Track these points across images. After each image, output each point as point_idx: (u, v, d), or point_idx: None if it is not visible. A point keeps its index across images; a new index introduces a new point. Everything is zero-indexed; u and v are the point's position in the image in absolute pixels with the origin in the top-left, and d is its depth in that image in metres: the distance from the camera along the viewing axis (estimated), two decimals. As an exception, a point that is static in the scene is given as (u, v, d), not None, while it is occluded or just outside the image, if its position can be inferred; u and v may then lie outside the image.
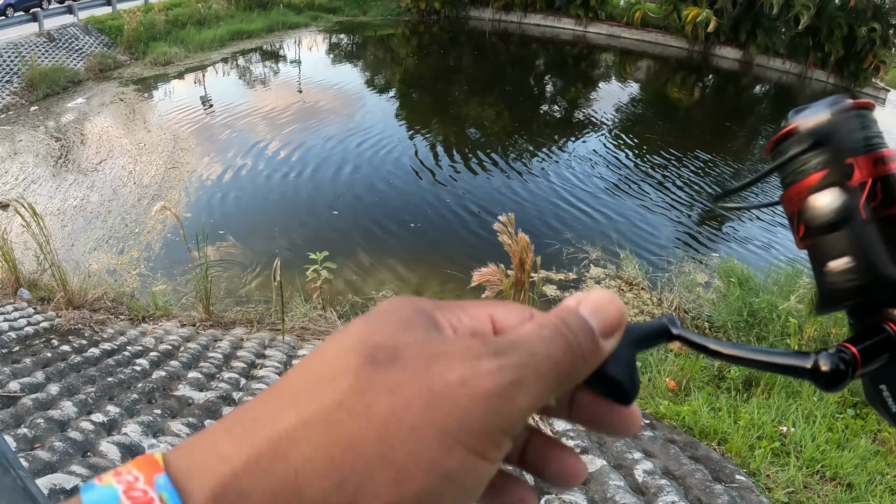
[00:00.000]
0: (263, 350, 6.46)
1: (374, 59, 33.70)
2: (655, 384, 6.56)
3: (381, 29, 41.09)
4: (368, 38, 39.01)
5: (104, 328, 7.26)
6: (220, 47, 29.59)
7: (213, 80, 25.70)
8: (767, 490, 4.37)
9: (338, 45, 36.16)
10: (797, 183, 0.63)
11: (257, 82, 25.75)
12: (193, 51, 28.20)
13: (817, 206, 0.60)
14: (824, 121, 0.61)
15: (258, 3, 35.55)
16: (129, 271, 10.61)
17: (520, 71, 34.26)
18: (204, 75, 26.17)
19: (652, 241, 13.74)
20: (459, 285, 9.79)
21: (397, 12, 44.03)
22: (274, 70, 28.22)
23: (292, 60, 30.26)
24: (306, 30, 37.00)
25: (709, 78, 41.53)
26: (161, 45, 27.17)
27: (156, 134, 17.99)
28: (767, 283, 10.26)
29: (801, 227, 0.63)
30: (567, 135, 22.52)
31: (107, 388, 4.85)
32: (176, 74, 25.40)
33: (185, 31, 29.31)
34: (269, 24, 34.07)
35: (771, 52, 44.48)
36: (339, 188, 14.88)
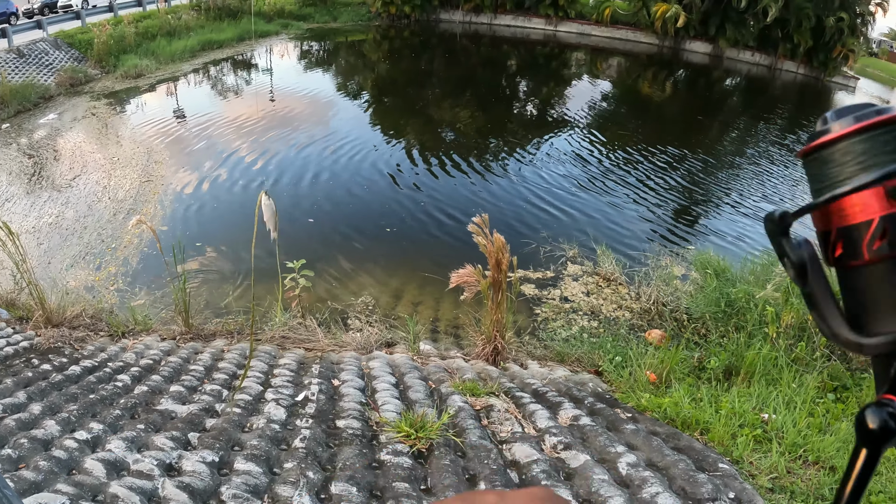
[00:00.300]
0: (245, 360, 6.50)
1: (345, 64, 33.71)
2: (636, 378, 6.58)
3: (351, 34, 41.13)
4: (339, 44, 39.03)
5: (84, 345, 7.27)
6: (190, 58, 29.53)
7: (186, 91, 25.62)
8: (751, 477, 4.41)
9: (309, 52, 36.15)
10: (844, 197, 0.57)
11: (230, 92, 25.70)
12: (164, 62, 28.13)
13: (861, 229, 0.56)
14: (869, 130, 0.56)
15: (228, 13, 35.50)
16: (107, 287, 10.59)
17: (492, 72, 34.41)
18: (176, 86, 26.09)
19: (628, 237, 13.88)
20: (438, 288, 9.88)
21: (368, 17, 44.10)
22: (246, 79, 28.17)
23: (264, 69, 30.21)
24: (277, 38, 36.98)
25: (680, 72, 41.82)
26: (132, 57, 27.07)
27: (129, 147, 17.94)
28: (744, 272, 10.34)
29: (838, 244, 0.59)
30: (541, 134, 22.68)
31: (89, 405, 4.87)
32: (147, 87, 25.31)
33: (156, 43, 29.23)
34: (239, 33, 34.02)
35: (740, 45, 44.95)
36: (314, 196, 14.91)
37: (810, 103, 38.64)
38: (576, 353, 7.88)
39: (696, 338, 8.77)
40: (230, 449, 4.07)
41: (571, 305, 10.42)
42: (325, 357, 6.55)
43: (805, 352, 6.68)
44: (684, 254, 12.80)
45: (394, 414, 4.71)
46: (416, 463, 3.95)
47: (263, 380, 5.68)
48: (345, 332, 7.94)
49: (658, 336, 8.58)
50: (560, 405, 5.37)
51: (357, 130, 20.50)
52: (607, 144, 21.78)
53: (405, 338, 7.50)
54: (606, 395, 6.21)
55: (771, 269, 9.23)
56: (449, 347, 8.06)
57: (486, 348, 6.98)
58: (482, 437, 4.38)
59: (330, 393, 5.24)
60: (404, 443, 4.14)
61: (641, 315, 10.09)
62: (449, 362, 6.74)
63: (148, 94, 24.61)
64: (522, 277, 11.05)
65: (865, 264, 0.56)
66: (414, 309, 10.07)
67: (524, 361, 7.43)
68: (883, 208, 0.53)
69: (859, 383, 6.40)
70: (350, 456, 3.93)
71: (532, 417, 5.00)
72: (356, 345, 7.15)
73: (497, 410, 5.02)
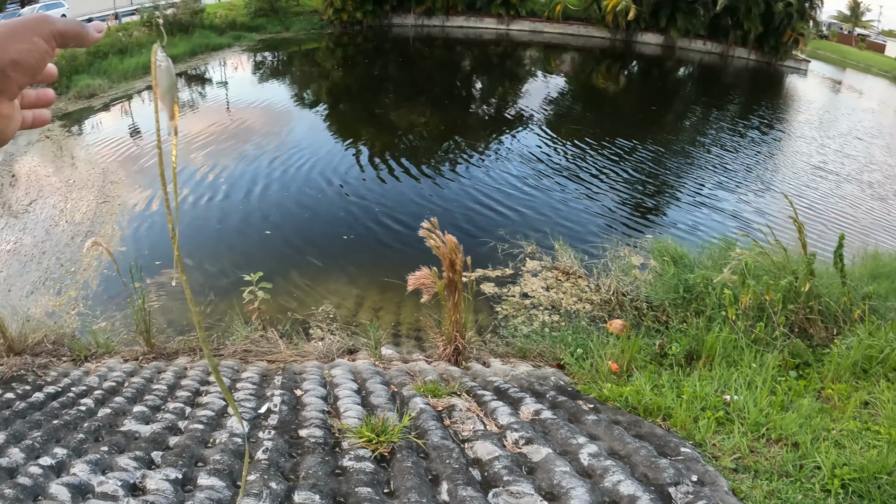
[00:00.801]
0: (207, 377, 6.50)
1: (300, 74, 33.61)
2: (598, 368, 6.65)
3: (305, 43, 41.00)
4: (293, 53, 38.90)
5: (47, 372, 7.23)
6: (144, 75, 29.20)
7: (140, 109, 25.38)
8: (714, 459, 4.44)
9: (263, 63, 35.98)
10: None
11: (185, 107, 25.48)
12: (117, 81, 27.83)
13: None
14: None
15: (179, 27, 35.22)
16: (68, 312, 10.50)
17: (446, 74, 34.50)
18: (130, 105, 25.84)
19: (585, 230, 14.02)
20: (398, 293, 9.93)
21: (320, 26, 43.97)
22: (201, 93, 28.00)
23: (218, 82, 30.05)
24: (230, 50, 36.76)
25: (633, 65, 42.22)
26: (84, 77, 26.74)
27: (85, 169, 17.77)
28: (701, 258, 10.47)
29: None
30: (495, 134, 22.83)
31: (53, 430, 4.87)
32: (101, 106, 25.05)
33: (108, 62, 28.88)
34: (191, 47, 33.76)
35: (692, 35, 45.49)
36: (270, 207, 14.88)
37: (763, 88, 39.18)
38: (537, 348, 7.96)
39: (656, 325, 8.88)
40: (193, 465, 4.09)
41: (532, 301, 10.51)
42: (288, 368, 6.58)
43: (764, 332, 6.76)
44: (642, 243, 12.95)
45: (356, 420, 4.75)
46: (378, 467, 3.99)
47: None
48: (307, 341, 7.96)
49: (619, 326, 8.67)
50: (522, 401, 5.45)
51: (312, 139, 20.50)
52: (561, 140, 21.97)
53: (367, 344, 7.54)
54: (568, 387, 6.29)
55: (728, 252, 9.31)
56: (411, 351, 8.10)
57: (447, 349, 7.05)
58: (444, 438, 4.43)
59: (292, 403, 5.27)
60: (366, 448, 4.18)
61: (602, 306, 10.21)
62: (411, 365, 6.80)
63: (102, 113, 24.36)
64: (481, 276, 11.13)
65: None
66: (375, 314, 10.11)
67: (486, 360, 7.49)
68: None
69: (821, 359, 6.44)
70: (313, 464, 3.96)
71: (494, 415, 5.06)
72: (318, 354, 7.18)
73: (459, 410, 5.08)
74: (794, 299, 7.23)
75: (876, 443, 4.53)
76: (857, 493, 3.94)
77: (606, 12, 44.69)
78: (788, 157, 23.61)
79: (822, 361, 6.42)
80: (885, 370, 5.92)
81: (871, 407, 5.29)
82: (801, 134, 27.64)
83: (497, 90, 31.49)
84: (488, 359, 7.54)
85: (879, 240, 14.69)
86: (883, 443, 4.49)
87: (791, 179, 20.28)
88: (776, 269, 8.07)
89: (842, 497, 3.90)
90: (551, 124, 24.49)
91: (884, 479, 4.01)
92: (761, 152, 23.67)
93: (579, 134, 22.85)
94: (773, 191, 18.62)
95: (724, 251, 10.01)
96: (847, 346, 6.24)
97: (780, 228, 9.73)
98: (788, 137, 26.93)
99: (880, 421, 4.90)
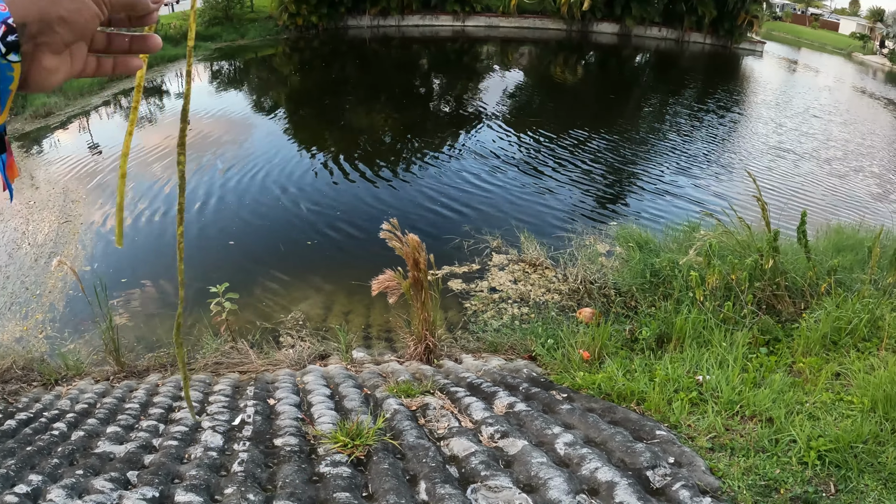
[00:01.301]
0: (180, 392, 6.47)
1: (258, 80, 33.41)
2: (570, 358, 6.68)
3: (261, 50, 40.76)
4: (250, 60, 38.65)
5: (18, 398, 7.14)
6: (100, 90, 28.84)
7: (99, 125, 25.06)
8: (690, 439, 4.49)
9: (220, 72, 35.70)
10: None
11: (144, 120, 25.28)
12: (73, 97, 27.41)
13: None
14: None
15: (132, 40, 34.85)
16: (35, 336, 10.37)
17: (404, 74, 34.48)
18: (88, 121, 25.48)
19: (549, 221, 14.10)
20: (366, 295, 9.86)
21: (276, 31, 43.72)
22: (159, 106, 27.72)
23: (176, 94, 29.79)
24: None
25: (590, 55, 42.50)
26: (39, 96, 26.33)
27: (45, 189, 17.53)
28: (667, 241, 10.57)
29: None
30: (456, 131, 22.88)
31: (27, 457, 4.82)
32: (58, 124, 24.66)
33: (63, 79, 28.51)
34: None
35: (647, 22, 45.90)
36: (231, 217, 14.78)
37: (719, 72, 39.62)
38: (508, 341, 8.00)
39: (625, 311, 8.94)
40: (170, 482, 4.07)
41: (500, 295, 10.55)
42: (260, 378, 6.56)
43: (733, 311, 6.84)
44: (607, 231, 13.05)
45: (330, 425, 4.74)
46: (355, 471, 4.00)
47: (199, 409, 5.67)
48: (277, 350, 7.94)
49: (588, 314, 8.72)
50: (495, 395, 5.47)
51: (272, 147, 20.33)
52: (520, 134, 22.06)
53: (338, 348, 7.53)
54: (541, 378, 6.33)
55: (692, 234, 9.40)
56: (383, 352, 8.11)
57: (418, 348, 7.06)
58: (419, 437, 4.44)
59: (266, 413, 5.26)
60: (342, 452, 4.18)
61: (570, 296, 10.27)
62: (383, 367, 6.81)
63: (60, 132, 23.99)
64: (448, 273, 11.14)
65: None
66: (344, 318, 10.07)
67: (458, 356, 7.52)
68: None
69: (790, 334, 6.51)
70: (289, 473, 3.96)
71: (468, 410, 5.09)
72: (289, 361, 7.17)
73: (433, 408, 5.10)
74: (760, 277, 7.32)
75: (850, 413, 4.59)
76: (834, 463, 3.99)
77: (561, 4, 44.95)
78: (747, 138, 23.89)
79: (791, 336, 6.49)
80: (854, 340, 6.02)
81: (843, 378, 5.36)
82: (758, 115, 27.99)
83: (455, 87, 31.54)
84: (460, 355, 7.57)
85: (842, 216, 14.91)
86: (856, 412, 4.56)
87: (751, 160, 20.51)
88: (741, 248, 8.17)
89: (819, 468, 3.95)
90: (510, 119, 24.59)
91: (860, 448, 4.08)
92: (720, 136, 23.95)
93: (538, 127, 22.95)
94: (735, 173, 18.85)
95: (688, 234, 10.11)
96: (815, 319, 6.33)
97: (744, 210, 9.84)
98: (747, 119, 27.26)
99: (852, 391, 4.97)
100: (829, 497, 3.67)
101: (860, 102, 34.37)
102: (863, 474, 3.87)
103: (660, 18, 45.82)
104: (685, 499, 3.59)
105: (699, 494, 3.62)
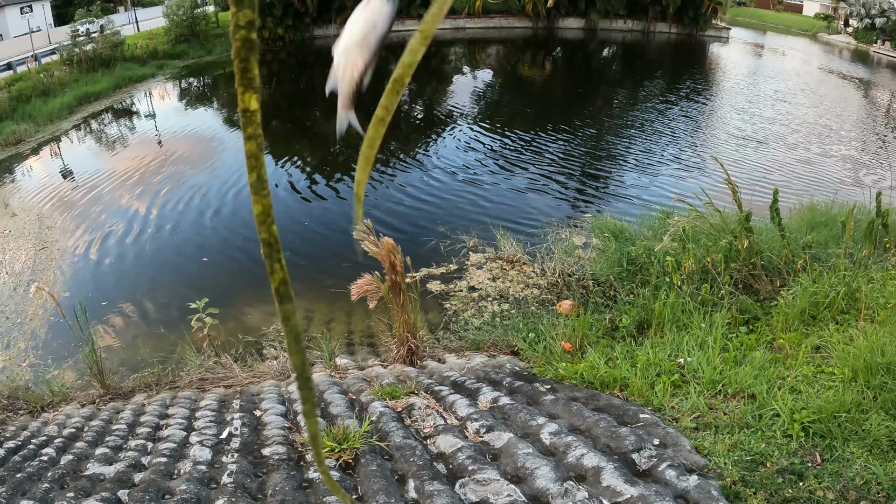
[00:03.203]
0: (166, 410, 6.47)
1: (227, 96, 33.28)
2: (551, 350, 6.75)
3: (228, 66, 40.43)
4: (218, 77, 38.49)
5: (5, 427, 7.11)
6: (69, 115, 28.63)
7: (70, 150, 24.91)
8: (674, 420, 4.54)
9: (189, 90, 35.57)
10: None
11: (115, 143, 25.10)
12: (43, 124, 27.17)
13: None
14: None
15: (101, 62, 34.59)
16: (19, 364, 10.33)
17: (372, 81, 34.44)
18: (59, 147, 25.29)
19: (524, 218, 14.19)
20: (346, 302, 9.90)
21: (242, 46, 43.55)
22: (129, 127, 27.50)
23: (146, 114, 29.59)
24: (154, 80, 36.20)
25: (557, 51, 42.67)
26: (8, 123, 26.05)
27: (20, 217, 17.43)
28: (641, 229, 10.66)
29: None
30: (428, 134, 23.01)
31: (17, 484, 4.81)
32: (30, 151, 24.45)
33: (32, 105, 28.14)
34: (115, 81, 33.12)
35: (612, 15, 46.03)
36: (205, 234, 14.79)
37: (686, 60, 39.87)
38: (490, 338, 8.05)
39: (605, 300, 9.02)
40: (160, 499, 4.09)
41: (479, 293, 10.60)
42: (245, 391, 6.57)
43: (710, 293, 6.91)
44: (582, 223, 13.13)
45: (317, 432, 4.77)
46: (344, 475, 4.03)
47: (186, 425, 5.69)
48: (261, 362, 7.96)
49: (568, 306, 8.77)
50: (479, 391, 5.52)
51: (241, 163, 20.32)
52: (491, 133, 22.22)
53: (321, 356, 7.56)
54: (524, 372, 6.38)
55: (666, 221, 9.46)
56: (366, 357, 8.16)
57: (401, 351, 7.10)
58: (406, 437, 4.48)
59: (253, 424, 5.28)
60: (330, 457, 4.22)
61: (549, 289, 10.34)
62: (367, 371, 6.84)
63: (32, 158, 23.79)
64: (426, 275, 11.19)
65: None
66: (326, 326, 10.09)
67: (441, 356, 7.56)
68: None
69: (769, 312, 6.58)
70: (279, 481, 3.98)
71: (453, 408, 5.13)
72: (274, 373, 7.19)
73: (418, 408, 5.14)
74: (735, 258, 7.41)
75: (831, 384, 4.65)
76: (819, 433, 4.04)
77: (526, 2, 45.08)
78: (716, 127, 24.06)
79: (770, 314, 6.56)
80: (832, 314, 6.10)
81: (823, 350, 5.41)
82: (726, 102, 28.21)
83: (425, 91, 31.57)
84: (443, 355, 7.61)
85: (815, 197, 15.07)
86: (838, 383, 4.61)
87: (720, 147, 20.69)
88: (715, 231, 8.26)
89: (803, 440, 4.00)
90: (480, 118, 24.70)
91: (843, 417, 4.13)
92: (689, 125, 24.11)
93: (508, 125, 23.06)
94: (705, 161, 18.99)
95: (662, 221, 10.20)
96: (793, 295, 6.41)
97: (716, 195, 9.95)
98: (714, 107, 27.44)
99: (833, 363, 5.01)
100: (816, 467, 3.71)
101: (828, 83, 34.63)
102: (848, 442, 3.92)
103: (624, 11, 46.01)
104: (671, 478, 3.64)
105: (685, 473, 3.67)
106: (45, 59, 35.86)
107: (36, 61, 34.55)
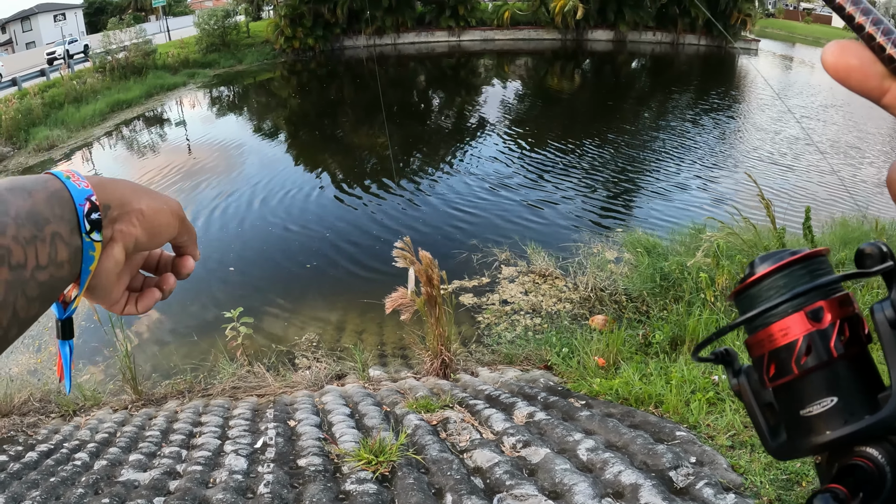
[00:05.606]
0: (199, 417, 6.50)
1: (257, 105, 33.53)
2: (585, 365, 6.72)
3: (259, 75, 40.93)
4: (248, 85, 38.81)
5: (37, 430, 7.17)
6: (101, 121, 28.95)
7: (101, 156, 25.20)
8: (710, 438, 4.53)
9: (219, 99, 35.83)
10: (766, 327, 0.65)
11: (146, 149, 25.33)
12: (75, 130, 27.50)
13: (789, 348, 0.63)
14: (787, 267, 0.65)
15: (133, 70, 35.00)
16: (50, 367, 10.39)
17: (402, 91, 34.55)
18: (91, 153, 25.59)
19: (556, 231, 14.10)
20: (379, 313, 9.86)
21: (273, 55, 43.87)
22: (160, 135, 27.76)
23: (177, 122, 29.85)
24: (185, 88, 36.55)
25: (586, 62, 42.59)
26: (42, 129, 26.37)
27: (52, 222, 17.60)
28: (674, 245, 10.60)
29: (771, 367, 0.65)
30: (458, 145, 22.97)
31: (51, 488, 4.84)
32: (62, 157, 24.73)
33: (64, 111, 28.49)
34: (146, 89, 33.50)
35: (641, 27, 45.92)
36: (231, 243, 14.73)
37: (715, 72, 39.67)
38: (523, 352, 8.02)
39: (638, 316, 8.96)
40: (197, 507, 4.11)
41: (512, 307, 10.55)
42: (278, 400, 6.58)
43: (744, 310, 6.84)
44: (614, 238, 13.05)
45: (352, 443, 4.77)
46: (381, 487, 4.03)
47: (220, 433, 5.70)
48: (294, 372, 7.97)
49: (601, 321, 8.73)
50: (514, 405, 5.50)
51: (271, 170, 20.26)
52: (521, 144, 22.10)
53: (354, 367, 7.56)
54: (558, 387, 6.36)
55: (699, 236, 9.40)
56: (399, 369, 8.13)
57: (434, 363, 7.09)
58: (442, 450, 4.47)
59: (287, 435, 5.29)
60: (367, 469, 4.21)
61: (582, 304, 10.28)
62: (400, 384, 6.84)
63: (64, 164, 24.07)
64: (459, 288, 11.15)
65: (795, 377, 0.64)
66: (358, 337, 10.08)
67: (474, 369, 7.55)
68: (805, 329, 0.62)
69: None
70: (315, 492, 3.98)
71: (488, 422, 5.11)
72: (307, 383, 7.20)
73: (453, 422, 5.13)
74: (770, 274, 7.33)
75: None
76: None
77: (555, 14, 45.03)
78: (747, 140, 23.84)
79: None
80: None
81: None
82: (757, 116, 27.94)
83: (454, 101, 31.65)
84: (476, 368, 7.60)
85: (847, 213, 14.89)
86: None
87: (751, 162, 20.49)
88: (748, 246, 8.19)
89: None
90: (509, 130, 24.63)
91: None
92: (719, 138, 23.91)
93: (538, 137, 23.00)
94: (737, 175, 18.81)
95: (695, 236, 10.13)
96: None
97: (748, 210, 9.87)
98: (745, 120, 27.19)
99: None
100: (851, 486, 3.66)
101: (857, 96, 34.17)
102: (883, 460, 3.86)
103: (653, 23, 45.87)
104: (709, 497, 3.61)
105: (722, 492, 3.65)
106: (77, 66, 36.33)
107: (69, 68, 34.99)
